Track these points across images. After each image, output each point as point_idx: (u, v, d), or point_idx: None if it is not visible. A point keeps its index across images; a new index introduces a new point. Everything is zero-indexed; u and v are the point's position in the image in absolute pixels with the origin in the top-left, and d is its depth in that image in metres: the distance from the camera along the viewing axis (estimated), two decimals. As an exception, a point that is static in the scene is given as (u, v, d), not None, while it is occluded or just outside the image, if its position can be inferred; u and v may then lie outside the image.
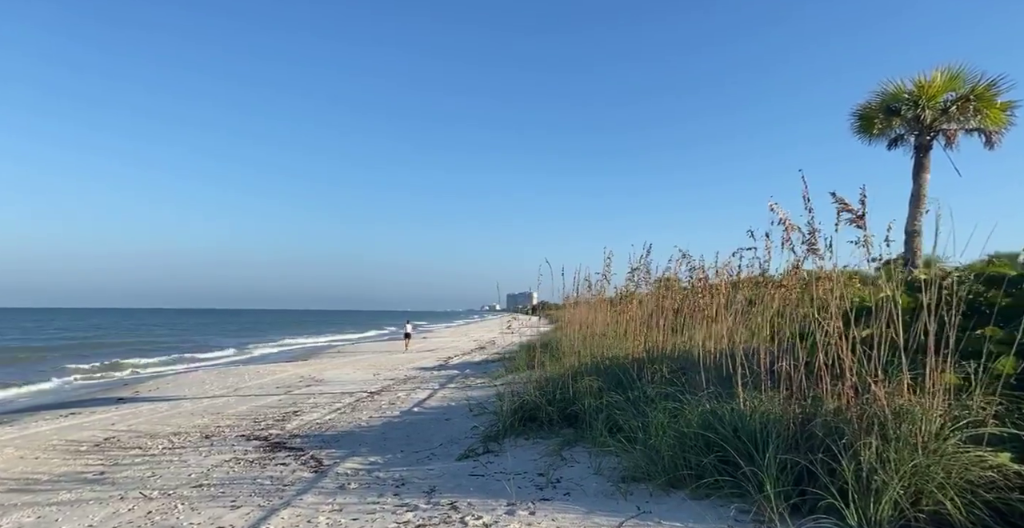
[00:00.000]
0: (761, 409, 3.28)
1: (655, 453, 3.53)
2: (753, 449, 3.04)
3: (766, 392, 3.44)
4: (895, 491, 2.44)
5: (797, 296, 3.62)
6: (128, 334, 43.82)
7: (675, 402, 3.87)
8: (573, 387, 5.27)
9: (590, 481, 3.95)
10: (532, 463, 4.61)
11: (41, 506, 4.63)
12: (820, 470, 2.68)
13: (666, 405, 3.81)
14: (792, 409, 3.08)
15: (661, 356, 5.12)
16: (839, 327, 2.97)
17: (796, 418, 3.02)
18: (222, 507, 4.32)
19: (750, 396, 3.43)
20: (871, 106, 9.36)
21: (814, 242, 3.16)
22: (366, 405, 9.27)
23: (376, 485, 4.60)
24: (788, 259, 3.41)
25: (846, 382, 2.88)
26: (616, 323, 6.79)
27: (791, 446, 2.94)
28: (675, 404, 3.80)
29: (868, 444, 2.57)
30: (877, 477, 2.50)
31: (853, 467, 2.54)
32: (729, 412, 3.41)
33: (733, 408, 3.43)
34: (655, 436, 3.58)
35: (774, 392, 3.38)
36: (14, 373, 18.97)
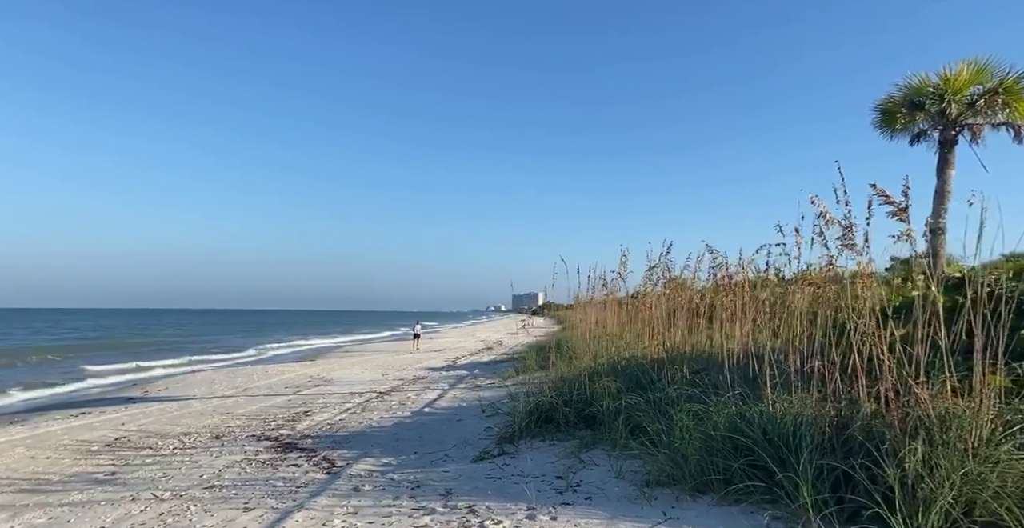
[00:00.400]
0: (792, 411, 3.16)
1: (680, 457, 3.41)
2: (785, 453, 2.93)
3: (796, 394, 3.31)
4: (946, 500, 2.32)
5: (831, 293, 3.49)
6: (140, 334, 44.00)
7: (699, 404, 3.75)
8: (590, 388, 5.16)
9: (611, 485, 3.84)
10: (550, 466, 4.51)
11: (53, 507, 4.58)
12: (861, 476, 2.57)
13: (690, 407, 3.69)
14: (826, 412, 2.96)
15: (681, 356, 5.00)
16: (875, 326, 2.85)
17: (831, 421, 2.90)
18: (235, 509, 4.25)
19: (779, 398, 3.31)
20: (894, 100, 9.14)
21: (851, 237, 3.03)
22: (376, 405, 9.20)
23: (391, 487, 4.51)
24: (820, 255, 3.29)
25: (886, 384, 2.76)
26: (632, 323, 6.66)
27: (827, 450, 2.82)
28: (700, 406, 3.68)
29: (914, 450, 2.45)
30: (925, 485, 2.38)
31: (898, 474, 2.42)
32: (758, 414, 3.29)
33: (762, 410, 3.31)
34: (680, 439, 3.47)
35: (805, 394, 3.25)
36: (38, 373, 19.11)
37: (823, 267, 3.39)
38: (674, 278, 5.76)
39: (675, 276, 5.73)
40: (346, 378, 13.68)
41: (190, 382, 14.43)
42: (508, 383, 10.49)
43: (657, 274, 5.83)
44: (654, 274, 5.88)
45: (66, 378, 17.50)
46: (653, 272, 5.87)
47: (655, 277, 5.90)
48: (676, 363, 4.78)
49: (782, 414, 3.16)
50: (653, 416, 4.12)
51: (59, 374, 18.80)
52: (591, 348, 6.23)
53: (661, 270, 5.76)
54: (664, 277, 5.81)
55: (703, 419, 3.53)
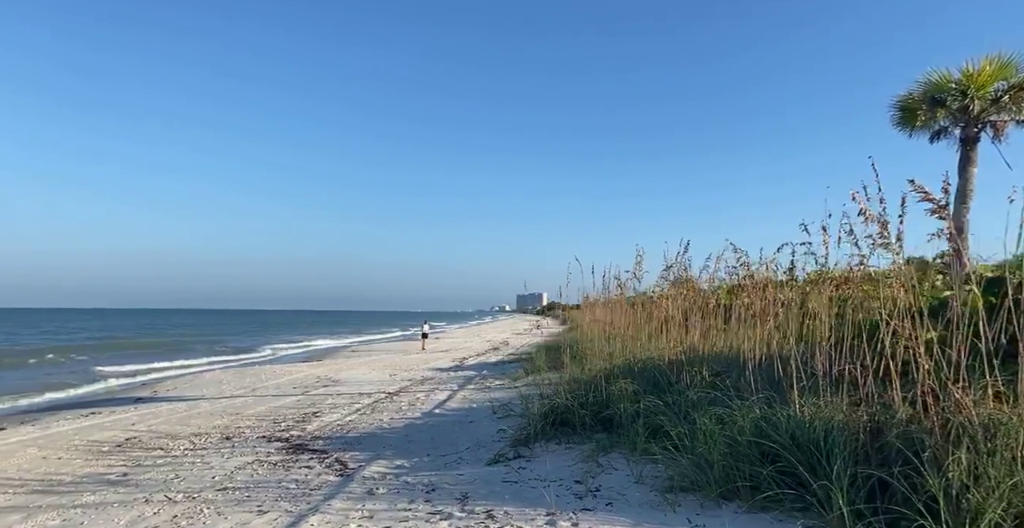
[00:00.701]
0: (821, 416, 3.07)
1: (704, 462, 3.32)
2: (816, 460, 2.84)
3: (824, 397, 3.22)
4: (995, 512, 2.23)
5: (862, 293, 3.39)
6: (148, 334, 44.19)
7: (722, 407, 3.66)
8: (606, 390, 5.08)
9: (632, 490, 3.76)
10: (567, 470, 4.43)
11: (65, 508, 4.55)
12: (903, 485, 2.47)
13: (713, 411, 3.60)
14: (859, 417, 2.87)
15: (700, 358, 4.91)
16: (909, 327, 2.75)
17: (864, 427, 2.81)
18: (248, 512, 4.20)
19: (807, 402, 3.22)
20: (913, 97, 8.94)
21: (886, 235, 2.93)
22: (385, 406, 9.15)
23: (406, 490, 4.45)
24: (849, 254, 3.19)
25: (923, 388, 2.66)
26: (646, 323, 6.57)
27: (861, 457, 2.73)
28: (723, 410, 3.59)
29: (958, 458, 2.35)
30: (971, 495, 2.29)
31: (942, 483, 2.33)
32: (785, 419, 3.20)
33: (789, 415, 3.22)
34: (704, 444, 3.38)
35: (834, 398, 3.16)
36: (50, 373, 19.22)
37: (854, 266, 3.29)
38: (689, 278, 5.65)
39: (690, 276, 5.63)
40: (354, 378, 13.65)
41: (198, 382, 14.45)
42: (518, 384, 10.41)
43: (674, 274, 5.73)
44: (671, 274, 5.78)
45: (79, 379, 17.58)
46: (670, 272, 5.77)
47: (672, 277, 5.80)
48: (694, 365, 4.69)
49: (811, 419, 3.07)
50: (674, 420, 4.04)
51: (70, 375, 18.90)
52: (606, 349, 6.13)
53: (678, 269, 5.66)
54: (681, 277, 5.70)
55: (727, 423, 3.44)
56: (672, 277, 5.76)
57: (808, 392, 3.31)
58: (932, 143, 9.12)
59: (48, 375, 18.70)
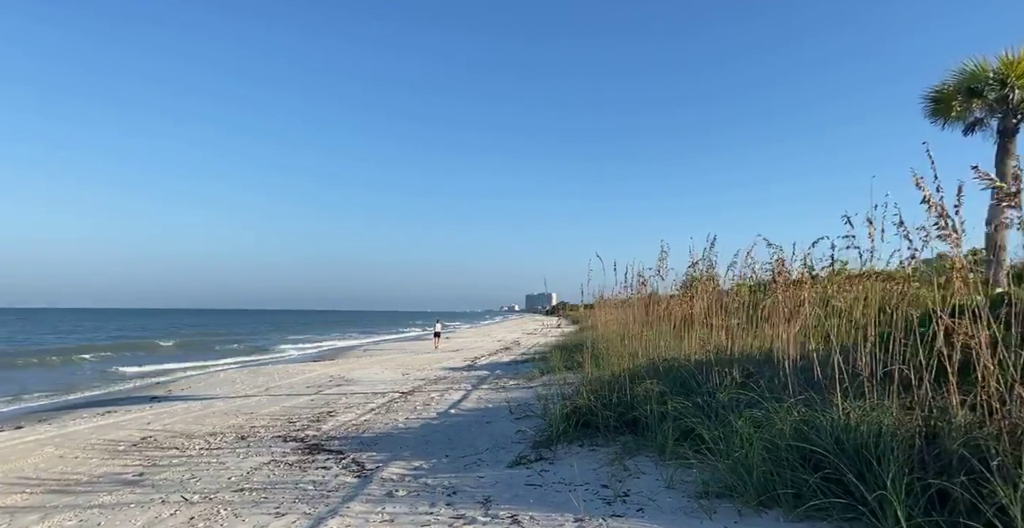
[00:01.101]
0: (868, 420, 2.90)
1: (741, 467, 3.16)
2: (865, 467, 2.67)
3: (869, 399, 3.05)
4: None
5: (913, 289, 3.20)
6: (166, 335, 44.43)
7: (758, 409, 3.49)
8: (631, 391, 4.92)
9: (663, 496, 3.61)
10: (592, 473, 4.29)
11: (82, 509, 4.49)
12: (972, 495, 2.30)
13: (749, 413, 3.44)
14: (913, 421, 2.69)
15: (729, 358, 4.73)
16: (967, 324, 2.57)
17: (919, 432, 2.63)
18: (266, 514, 4.11)
19: (852, 404, 3.05)
20: (948, 88, 8.61)
21: (945, 226, 2.74)
22: (400, 406, 9.06)
23: (426, 493, 4.34)
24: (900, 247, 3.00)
25: (987, 390, 2.48)
26: (664, 321, 6.39)
27: (916, 465, 2.55)
28: (759, 412, 3.42)
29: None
30: (1050, 508, 2.11)
31: (1017, 494, 2.15)
32: (828, 422, 3.03)
33: (832, 418, 3.05)
34: (740, 448, 3.22)
35: (880, 400, 2.99)
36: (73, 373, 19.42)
37: (905, 260, 3.11)
38: (712, 275, 5.45)
39: (714, 273, 5.43)
40: (367, 378, 13.60)
41: (212, 381, 14.48)
42: (533, 384, 10.28)
43: (701, 270, 5.54)
44: (697, 270, 5.58)
45: (94, 378, 17.74)
46: (696, 268, 5.58)
47: (699, 273, 5.60)
48: (723, 365, 4.52)
49: (856, 422, 2.90)
50: (706, 422, 3.88)
51: (86, 374, 19.09)
52: (627, 348, 5.97)
53: (705, 266, 5.47)
54: (701, 275, 5.51)
55: (764, 426, 3.28)
56: (697, 273, 5.56)
57: (852, 394, 3.13)
58: (966, 135, 8.81)
59: (65, 375, 18.90)
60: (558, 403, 5.27)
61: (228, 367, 19.58)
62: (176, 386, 13.83)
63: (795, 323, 3.97)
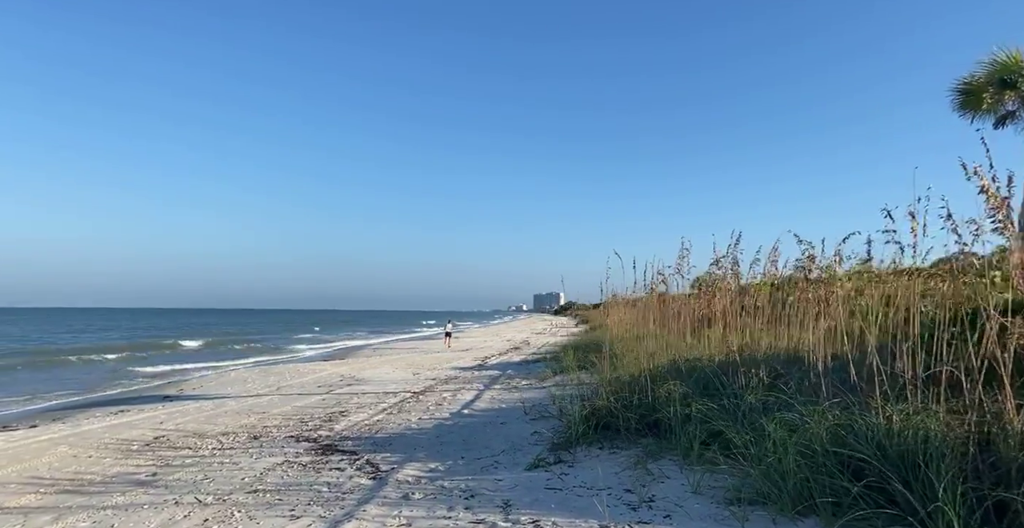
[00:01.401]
0: (912, 425, 2.75)
1: (775, 472, 3.02)
2: (912, 474, 2.52)
3: (913, 403, 2.89)
4: None
5: (959, 286, 3.04)
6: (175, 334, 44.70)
7: (790, 412, 3.35)
8: (653, 392, 4.78)
9: (690, 501, 3.48)
10: (614, 477, 4.16)
11: (95, 509, 4.44)
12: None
13: (781, 416, 3.29)
14: (964, 427, 2.54)
15: (755, 358, 4.58)
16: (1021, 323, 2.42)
17: (972, 438, 2.48)
18: (281, 517, 4.04)
19: (893, 408, 2.90)
20: (978, 79, 8.33)
21: (1003, 218, 2.57)
22: (412, 406, 8.98)
23: (443, 496, 4.24)
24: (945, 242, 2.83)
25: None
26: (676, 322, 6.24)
27: (970, 474, 2.40)
28: (792, 415, 3.28)
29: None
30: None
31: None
32: (867, 427, 2.89)
33: (872, 422, 2.90)
34: (773, 452, 3.08)
35: (924, 403, 2.83)
36: (86, 372, 19.55)
37: (955, 255, 2.95)
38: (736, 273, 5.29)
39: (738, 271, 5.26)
40: (377, 377, 13.55)
41: (223, 381, 14.50)
42: (546, 384, 10.16)
43: (725, 267, 5.37)
44: (721, 267, 5.41)
45: (107, 377, 17.87)
46: (719, 265, 5.41)
47: (722, 270, 5.42)
48: (749, 366, 4.37)
49: (900, 427, 2.75)
50: (734, 425, 3.74)
51: (99, 373, 19.24)
52: (647, 348, 5.82)
53: (729, 263, 5.29)
54: (733, 271, 5.34)
55: (798, 430, 3.14)
56: (720, 271, 5.39)
57: (893, 397, 2.98)
58: (996, 129, 8.50)
59: (77, 374, 19.06)
60: (576, 404, 5.14)
61: (239, 366, 19.64)
62: (188, 385, 13.86)
63: (826, 322, 3.81)
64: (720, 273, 5.45)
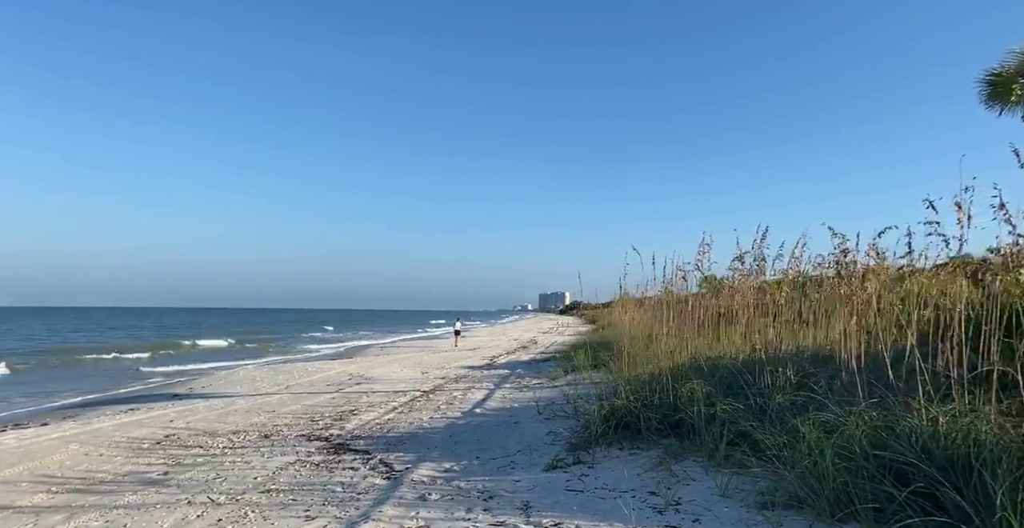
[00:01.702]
0: (959, 427, 2.62)
1: (812, 476, 2.89)
2: (963, 480, 2.39)
3: (959, 403, 2.76)
4: None
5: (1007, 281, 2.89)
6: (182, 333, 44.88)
7: (822, 413, 3.22)
8: (674, 391, 4.66)
9: (719, 505, 3.35)
10: (637, 479, 4.04)
11: (107, 509, 4.38)
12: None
13: (816, 417, 3.16)
14: (1020, 429, 2.41)
15: (781, 357, 4.45)
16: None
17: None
18: (295, 517, 3.95)
19: (938, 409, 2.76)
20: (1008, 70, 8.06)
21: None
22: (423, 405, 8.90)
23: (460, 497, 4.13)
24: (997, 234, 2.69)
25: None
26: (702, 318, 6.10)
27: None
28: (827, 415, 3.15)
29: None
30: None
31: None
32: (909, 429, 2.75)
33: (914, 424, 2.77)
34: (808, 455, 2.95)
35: (972, 404, 2.70)
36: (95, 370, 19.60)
37: (1010, 247, 2.80)
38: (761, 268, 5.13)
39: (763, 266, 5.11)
40: (386, 376, 13.48)
41: (232, 379, 14.48)
42: (558, 383, 10.05)
43: (750, 263, 5.21)
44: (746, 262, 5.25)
45: (116, 375, 17.92)
46: (744, 260, 5.24)
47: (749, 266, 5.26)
48: (775, 364, 4.24)
49: (947, 430, 2.62)
50: (762, 426, 3.61)
51: (108, 371, 19.31)
52: (664, 347, 5.69)
53: (755, 259, 5.13)
54: (759, 267, 5.18)
55: (834, 432, 3.01)
56: (748, 266, 5.23)
57: (936, 397, 2.84)
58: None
59: (89, 373, 19.13)
60: (594, 404, 5.02)
61: (247, 365, 19.64)
62: (197, 384, 13.85)
63: (859, 318, 3.66)
64: (745, 268, 5.30)
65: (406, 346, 28.52)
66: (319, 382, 12.76)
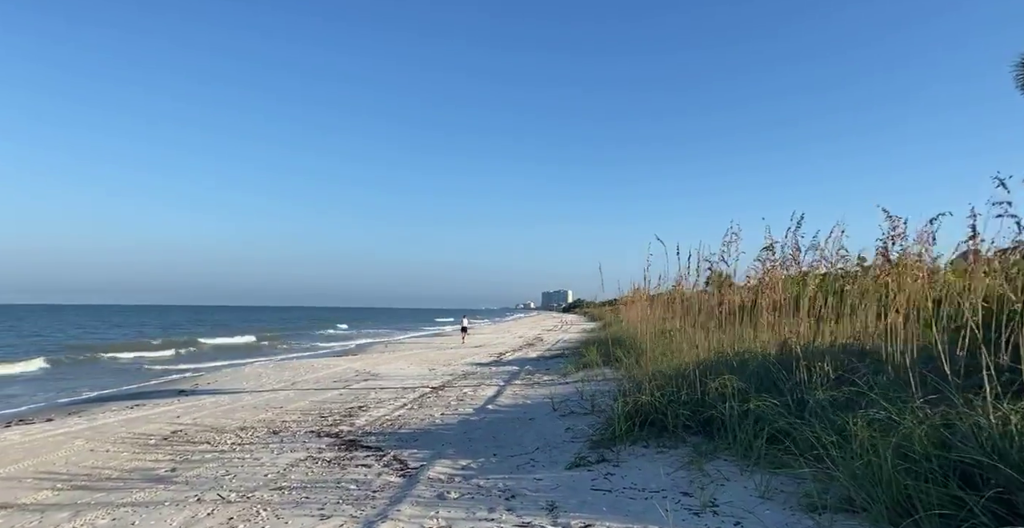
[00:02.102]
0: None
1: (865, 478, 2.70)
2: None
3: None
4: None
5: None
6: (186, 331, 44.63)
7: (871, 409, 3.02)
8: (702, 387, 4.46)
9: (760, 507, 3.16)
10: (666, 478, 3.86)
11: (114, 506, 4.22)
12: None
13: (866, 414, 2.96)
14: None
15: (819, 351, 4.25)
16: None
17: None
18: (310, 516, 3.78)
19: (1009, 407, 2.57)
20: None
21: None
22: (433, 401, 8.73)
23: (481, 496, 3.96)
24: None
25: None
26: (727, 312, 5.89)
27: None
28: (878, 412, 2.95)
29: None
30: None
31: None
32: (973, 427, 2.56)
33: (978, 423, 2.58)
34: (862, 455, 2.76)
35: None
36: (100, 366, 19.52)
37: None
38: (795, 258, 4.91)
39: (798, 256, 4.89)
40: (393, 373, 13.33)
41: (238, 376, 14.35)
42: (569, 380, 9.87)
43: (784, 253, 4.99)
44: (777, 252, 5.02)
45: (120, 372, 17.84)
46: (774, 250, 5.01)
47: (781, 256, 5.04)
48: (812, 359, 4.04)
49: (1021, 428, 2.42)
50: (803, 424, 3.41)
51: (112, 368, 19.23)
52: (691, 340, 5.48)
53: (789, 248, 4.91)
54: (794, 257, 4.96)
55: (889, 430, 2.81)
56: (781, 256, 5.01)
57: (1010, 394, 2.64)
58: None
59: (96, 370, 19.07)
60: (618, 400, 4.83)
61: (252, 362, 19.53)
62: (202, 381, 13.73)
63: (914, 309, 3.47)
64: (777, 258, 5.09)
65: (411, 343, 28.40)
66: (325, 379, 12.62)
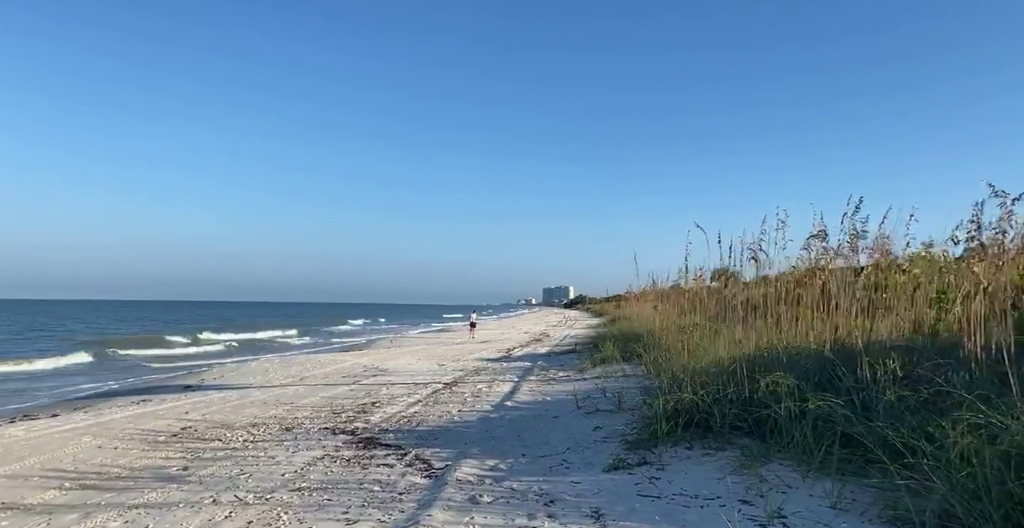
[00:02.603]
0: None
1: (967, 490, 2.42)
2: None
3: None
4: None
5: None
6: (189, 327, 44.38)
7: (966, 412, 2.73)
8: (751, 384, 4.19)
9: (835, 520, 2.88)
10: (719, 483, 3.58)
11: (125, 507, 3.97)
12: None
13: (964, 417, 2.68)
14: None
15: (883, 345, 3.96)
16: None
17: None
18: (335, 521, 3.53)
19: None
20: None
21: None
22: (448, 398, 8.47)
23: (516, 500, 3.69)
24: None
25: None
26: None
27: None
28: (975, 416, 2.67)
29: None
30: None
31: None
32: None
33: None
34: (964, 464, 2.47)
35: None
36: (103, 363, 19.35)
37: None
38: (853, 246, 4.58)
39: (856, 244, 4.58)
40: (403, 368, 13.09)
41: (244, 371, 14.13)
42: (586, 375, 9.60)
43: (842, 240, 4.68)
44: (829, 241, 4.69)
45: (125, 368, 17.64)
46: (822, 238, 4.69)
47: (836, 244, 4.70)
48: (875, 354, 3.76)
49: None
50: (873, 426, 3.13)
51: (115, 365, 19.04)
52: (736, 334, 5.19)
53: (846, 235, 4.59)
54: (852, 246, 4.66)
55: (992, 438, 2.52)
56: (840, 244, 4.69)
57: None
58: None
59: (101, 365, 18.88)
60: (659, 398, 4.55)
61: (258, 357, 19.32)
62: (208, 376, 13.49)
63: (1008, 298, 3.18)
64: (826, 247, 4.78)
65: (418, 338, 28.20)
66: (334, 374, 12.38)
